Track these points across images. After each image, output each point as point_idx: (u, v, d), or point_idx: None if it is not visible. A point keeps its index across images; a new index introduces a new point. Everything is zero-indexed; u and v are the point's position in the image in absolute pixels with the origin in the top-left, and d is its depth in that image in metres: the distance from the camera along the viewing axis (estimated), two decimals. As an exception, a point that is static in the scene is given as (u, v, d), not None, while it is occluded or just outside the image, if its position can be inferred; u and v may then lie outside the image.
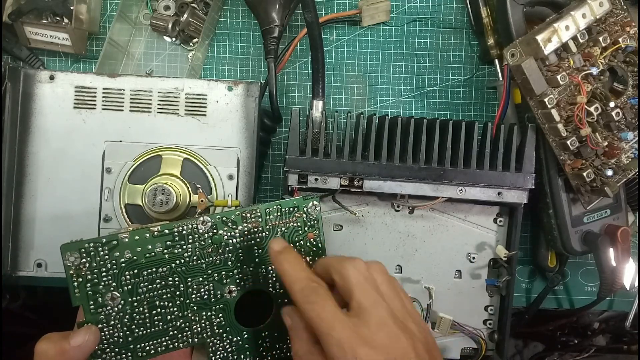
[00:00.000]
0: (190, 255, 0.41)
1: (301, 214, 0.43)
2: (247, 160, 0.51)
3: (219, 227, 0.41)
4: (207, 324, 0.41)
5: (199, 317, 0.41)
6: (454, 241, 0.51)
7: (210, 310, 0.41)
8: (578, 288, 0.59)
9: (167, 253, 0.40)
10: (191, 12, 0.56)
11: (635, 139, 0.49)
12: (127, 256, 0.39)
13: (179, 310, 0.41)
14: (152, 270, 0.40)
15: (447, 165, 0.48)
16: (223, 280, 0.41)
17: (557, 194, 0.51)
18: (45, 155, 0.50)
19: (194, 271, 0.41)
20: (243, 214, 0.41)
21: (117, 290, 0.39)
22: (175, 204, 0.48)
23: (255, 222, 0.42)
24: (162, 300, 0.40)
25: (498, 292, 0.51)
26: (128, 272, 0.40)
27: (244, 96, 0.51)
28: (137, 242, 0.40)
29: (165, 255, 0.40)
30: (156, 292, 0.40)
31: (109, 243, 0.39)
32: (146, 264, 0.40)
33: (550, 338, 0.69)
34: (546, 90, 0.46)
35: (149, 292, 0.40)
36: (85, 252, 0.39)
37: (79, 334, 0.38)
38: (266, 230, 0.42)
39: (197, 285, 0.41)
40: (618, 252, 0.51)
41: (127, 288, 0.40)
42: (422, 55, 0.59)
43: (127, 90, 0.50)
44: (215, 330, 0.42)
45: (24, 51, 0.56)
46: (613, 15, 0.47)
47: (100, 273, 0.39)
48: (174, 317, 0.41)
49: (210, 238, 0.41)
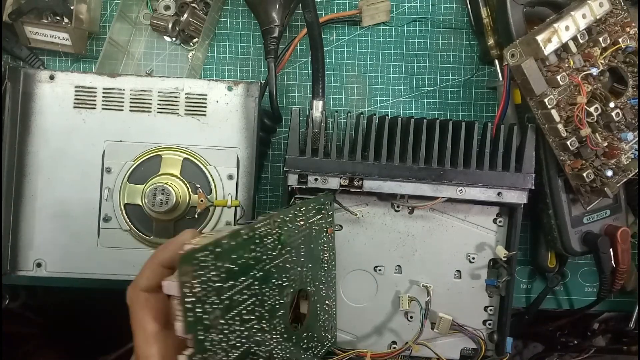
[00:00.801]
0: (265, 258, 0.37)
1: (325, 211, 0.43)
2: (247, 160, 0.51)
3: (282, 227, 0.38)
4: (274, 334, 0.38)
5: (270, 328, 0.37)
6: (454, 241, 0.51)
7: (277, 317, 0.38)
8: (578, 288, 0.59)
9: (251, 258, 0.35)
10: (191, 12, 0.56)
11: (635, 139, 0.49)
12: (227, 265, 0.33)
13: (258, 321, 0.36)
14: (243, 280, 0.35)
15: (447, 166, 0.48)
16: (284, 283, 0.39)
17: (557, 194, 0.51)
18: (45, 155, 0.50)
19: (268, 277, 0.37)
20: (295, 213, 0.40)
21: (218, 308, 0.32)
22: (175, 203, 0.48)
23: (302, 220, 0.41)
24: (249, 314, 0.35)
25: (498, 293, 0.51)
26: (227, 284, 0.33)
27: (244, 96, 0.51)
28: (233, 247, 0.34)
29: (251, 261, 0.35)
30: (245, 305, 0.35)
31: (214, 251, 0.32)
32: (239, 271, 0.34)
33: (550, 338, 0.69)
34: (546, 91, 0.46)
35: (240, 304, 0.34)
36: (198, 263, 0.31)
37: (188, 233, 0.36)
38: (307, 228, 0.42)
39: (270, 292, 0.37)
40: (618, 253, 0.51)
41: (226, 303, 0.33)
42: (422, 55, 0.59)
43: (127, 90, 0.50)
44: (279, 339, 0.38)
45: (24, 51, 0.56)
46: (613, 15, 0.47)
47: (208, 287, 0.32)
48: (254, 331, 0.36)
49: (277, 239, 0.38)
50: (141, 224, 0.51)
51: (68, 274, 0.51)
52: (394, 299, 0.51)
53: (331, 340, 0.47)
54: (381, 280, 0.51)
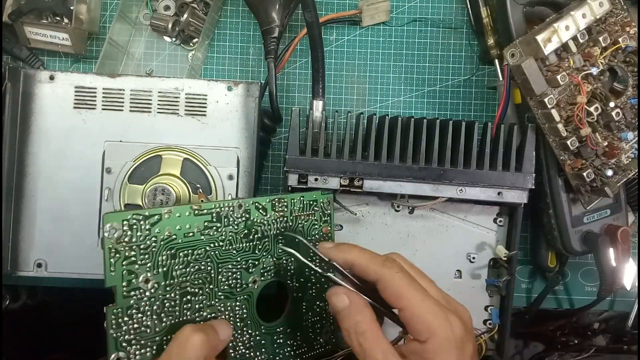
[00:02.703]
0: (224, 239, 0.39)
1: (318, 208, 0.43)
2: (247, 160, 0.51)
3: (251, 213, 0.40)
4: (230, 316, 0.40)
5: (224, 308, 0.39)
6: (454, 241, 0.51)
7: (236, 300, 0.40)
8: (578, 288, 0.59)
9: (204, 234, 0.38)
10: (191, 12, 0.56)
11: (635, 139, 0.49)
12: (166, 233, 0.37)
13: (208, 299, 0.39)
14: (189, 252, 0.38)
15: (447, 165, 0.48)
16: (249, 269, 0.40)
17: (557, 194, 0.51)
18: (45, 155, 0.50)
19: (226, 257, 0.39)
20: (273, 202, 0.41)
21: (152, 271, 0.36)
22: (175, 204, 0.48)
23: (282, 211, 0.41)
24: (193, 287, 0.38)
25: (498, 292, 0.51)
26: (165, 252, 0.37)
27: (244, 96, 0.51)
28: (178, 219, 0.37)
29: (202, 237, 0.38)
30: (189, 277, 0.38)
31: (151, 217, 0.36)
32: (184, 244, 0.37)
33: (550, 338, 0.69)
34: (546, 90, 0.46)
35: (183, 276, 0.37)
36: (127, 224, 0.35)
37: (223, 328, 0.37)
38: (290, 220, 0.42)
39: (227, 272, 0.39)
40: (618, 252, 0.51)
41: (162, 270, 0.37)
42: (422, 55, 0.59)
43: (127, 90, 0.50)
44: (237, 324, 0.40)
45: (24, 51, 0.56)
46: (613, 15, 0.47)
47: (139, 250, 0.36)
48: (202, 306, 0.38)
49: (243, 222, 0.40)
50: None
51: (68, 274, 0.51)
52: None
53: (325, 346, 0.46)
54: (381, 280, 0.51)
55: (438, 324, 0.33)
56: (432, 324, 0.33)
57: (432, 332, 0.33)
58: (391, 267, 0.35)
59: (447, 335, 0.33)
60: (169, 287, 0.37)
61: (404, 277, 0.35)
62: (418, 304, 0.34)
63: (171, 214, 0.37)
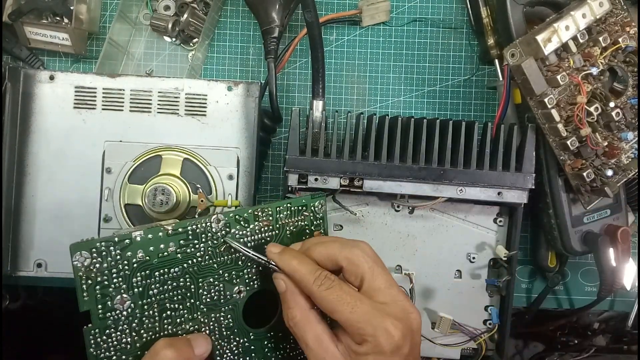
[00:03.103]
0: (203, 254, 0.39)
1: (309, 213, 0.43)
2: (247, 160, 0.51)
3: (231, 226, 0.40)
4: (215, 326, 0.40)
5: (208, 319, 0.40)
6: (454, 241, 0.51)
7: (220, 311, 0.40)
8: (578, 288, 0.59)
9: (180, 252, 0.38)
10: (191, 12, 0.56)
11: (635, 139, 0.49)
12: (139, 256, 0.37)
13: (189, 312, 0.39)
14: (165, 271, 0.38)
15: (447, 165, 0.48)
16: (233, 280, 0.40)
17: (557, 194, 0.51)
18: (46, 155, 0.50)
19: (206, 271, 0.39)
20: (255, 212, 0.41)
21: (127, 293, 0.37)
22: (175, 204, 0.48)
23: (266, 220, 0.41)
24: (172, 303, 0.38)
25: (498, 292, 0.51)
26: (140, 273, 0.37)
27: (244, 96, 0.51)
28: (150, 240, 0.38)
29: (178, 255, 0.38)
30: (167, 294, 0.38)
31: (121, 242, 0.37)
32: (158, 264, 0.38)
33: (550, 338, 0.69)
34: (546, 90, 0.46)
35: (160, 294, 0.38)
36: (96, 252, 0.36)
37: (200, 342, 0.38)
38: (276, 229, 0.41)
39: (208, 286, 0.39)
40: (618, 252, 0.51)
41: (138, 290, 0.37)
42: (422, 55, 0.59)
43: (127, 90, 0.50)
44: (223, 333, 0.41)
45: (24, 51, 0.56)
46: (613, 15, 0.47)
47: (110, 275, 0.37)
48: (183, 320, 0.39)
49: (222, 237, 0.40)
50: (141, 225, 0.51)
51: (68, 274, 0.51)
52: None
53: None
54: (381, 280, 0.51)
55: (368, 332, 0.35)
56: (362, 331, 0.35)
57: (363, 339, 0.35)
58: (320, 285, 0.36)
59: (377, 342, 0.34)
60: (146, 305, 0.38)
61: (332, 292, 0.36)
62: (346, 316, 0.35)
63: (142, 237, 0.37)
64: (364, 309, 0.35)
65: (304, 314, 0.37)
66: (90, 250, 0.36)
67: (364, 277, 0.37)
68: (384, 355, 0.35)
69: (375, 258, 0.38)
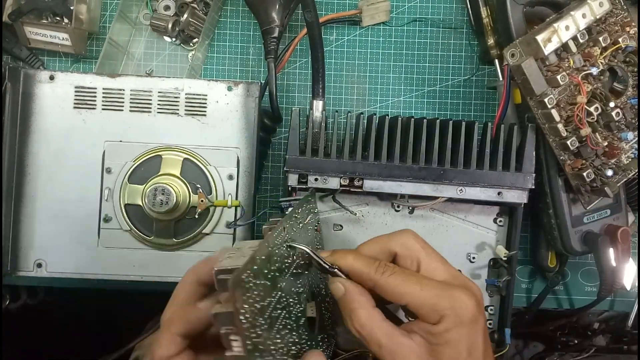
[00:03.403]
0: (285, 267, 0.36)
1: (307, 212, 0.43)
2: (247, 160, 0.51)
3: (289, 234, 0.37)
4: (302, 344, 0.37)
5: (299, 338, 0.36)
6: (454, 241, 0.51)
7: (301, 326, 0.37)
8: (578, 288, 0.59)
9: (277, 270, 0.34)
10: (191, 12, 0.56)
11: (635, 139, 0.49)
12: (263, 282, 0.32)
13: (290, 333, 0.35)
14: (275, 293, 0.34)
15: (447, 165, 0.48)
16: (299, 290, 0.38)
17: (557, 194, 0.51)
18: (46, 155, 0.50)
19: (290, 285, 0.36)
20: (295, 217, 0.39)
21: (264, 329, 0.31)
22: (175, 204, 0.48)
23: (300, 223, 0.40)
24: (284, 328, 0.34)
25: (498, 292, 0.51)
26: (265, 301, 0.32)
27: (244, 96, 0.51)
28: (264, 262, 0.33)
29: (277, 273, 0.34)
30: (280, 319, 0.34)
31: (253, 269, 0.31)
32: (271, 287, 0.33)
33: (550, 338, 0.69)
34: (546, 90, 0.46)
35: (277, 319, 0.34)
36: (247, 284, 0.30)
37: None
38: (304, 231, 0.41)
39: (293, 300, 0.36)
40: (618, 252, 0.51)
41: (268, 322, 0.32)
42: (422, 55, 0.59)
43: (127, 90, 0.50)
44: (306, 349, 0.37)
45: (24, 51, 0.56)
46: (613, 15, 0.47)
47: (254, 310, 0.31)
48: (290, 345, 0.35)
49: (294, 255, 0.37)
50: (141, 224, 0.51)
51: (68, 274, 0.51)
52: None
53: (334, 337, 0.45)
54: (381, 280, 0.51)
55: (444, 305, 0.34)
56: (438, 306, 0.34)
57: (440, 314, 0.34)
58: (384, 272, 0.36)
59: (456, 313, 0.34)
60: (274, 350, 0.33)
61: (397, 277, 0.35)
62: (417, 295, 0.34)
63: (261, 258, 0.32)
64: (434, 285, 0.35)
65: (369, 312, 0.35)
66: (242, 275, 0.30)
67: (420, 259, 0.37)
68: (465, 326, 0.34)
69: (424, 241, 0.38)
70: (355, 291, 0.36)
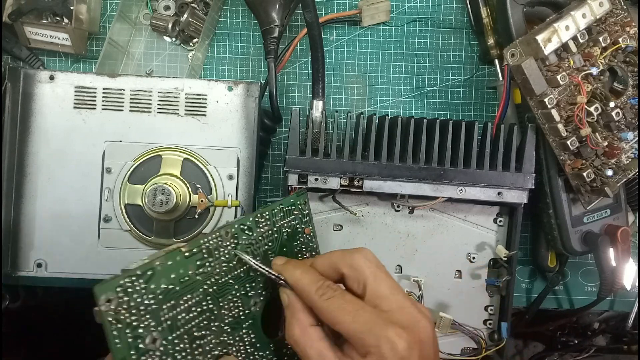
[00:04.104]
0: (219, 271, 0.37)
1: (297, 212, 0.42)
2: (247, 160, 0.51)
3: (239, 237, 0.39)
4: (240, 346, 0.38)
5: (233, 340, 0.38)
6: (454, 241, 0.51)
7: (242, 329, 0.39)
8: (578, 288, 0.59)
9: (199, 274, 0.36)
10: (191, 12, 0.56)
11: (635, 139, 0.49)
12: (162, 286, 0.34)
13: (216, 336, 0.37)
14: (189, 297, 0.36)
15: (447, 165, 0.48)
16: (248, 293, 0.39)
17: (557, 194, 0.51)
18: (45, 155, 0.50)
19: (224, 289, 0.38)
20: (257, 219, 0.40)
21: (156, 330, 0.34)
22: (175, 204, 0.48)
23: (265, 225, 0.40)
24: (200, 330, 0.36)
25: (498, 292, 0.51)
26: (166, 305, 0.34)
27: (244, 96, 0.51)
28: (171, 267, 0.35)
29: (198, 277, 0.36)
30: (194, 322, 0.36)
31: (144, 274, 0.34)
32: (182, 290, 0.35)
33: (550, 338, 0.69)
34: (546, 90, 0.46)
35: (187, 323, 0.35)
36: (122, 290, 0.33)
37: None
38: (275, 232, 0.41)
39: (229, 304, 0.38)
40: (618, 252, 0.51)
41: (167, 324, 0.34)
42: (422, 55, 0.59)
43: (127, 90, 0.50)
44: (248, 350, 0.39)
45: (24, 51, 0.56)
46: (613, 15, 0.47)
47: (139, 312, 0.33)
48: (212, 346, 0.37)
49: (234, 249, 0.38)
50: (141, 224, 0.51)
51: (68, 274, 0.51)
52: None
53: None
54: (381, 280, 0.51)
55: (370, 342, 0.33)
56: (364, 342, 0.33)
57: (367, 350, 0.33)
58: (322, 294, 0.35)
59: (380, 353, 0.33)
60: (177, 339, 0.35)
61: (334, 302, 0.35)
62: (349, 326, 0.34)
63: (163, 264, 0.35)
64: (366, 318, 0.34)
65: (305, 331, 0.36)
66: (116, 289, 0.33)
67: (367, 283, 0.35)
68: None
69: (377, 263, 0.37)
70: (296, 307, 0.37)
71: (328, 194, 0.50)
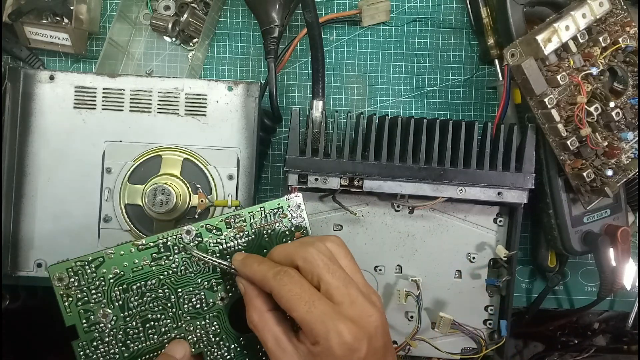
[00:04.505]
0: (178, 265, 0.41)
1: (286, 215, 0.42)
2: (247, 160, 0.51)
3: (203, 235, 0.41)
4: (202, 333, 0.41)
5: (194, 327, 0.41)
6: (454, 241, 0.51)
7: (204, 319, 0.41)
8: (578, 288, 0.59)
9: (154, 265, 0.41)
10: (191, 12, 0.56)
11: (635, 139, 0.49)
12: (114, 272, 0.40)
13: (173, 321, 0.41)
14: (141, 284, 0.40)
15: (447, 165, 0.48)
16: (214, 287, 0.41)
17: (557, 194, 0.51)
18: (45, 155, 0.50)
19: (183, 281, 0.41)
20: (227, 220, 0.41)
21: (108, 307, 0.40)
22: (175, 204, 0.48)
23: (239, 227, 0.42)
24: (154, 313, 0.41)
25: (498, 292, 0.51)
26: (117, 288, 0.40)
27: (244, 96, 0.51)
28: (122, 257, 0.40)
29: (153, 268, 0.40)
30: (147, 306, 0.41)
31: (95, 260, 0.40)
32: (134, 277, 0.40)
33: (550, 338, 0.69)
34: (546, 90, 0.46)
35: (140, 305, 0.40)
36: (72, 271, 0.39)
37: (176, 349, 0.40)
38: (252, 234, 0.42)
39: (188, 295, 0.41)
40: (618, 252, 0.51)
41: (118, 304, 0.40)
42: (422, 55, 0.59)
43: (127, 90, 0.50)
44: (211, 339, 0.42)
45: (24, 51, 0.56)
46: (613, 15, 0.47)
47: (89, 291, 0.40)
48: (168, 329, 0.41)
49: (195, 247, 0.41)
50: (141, 224, 0.51)
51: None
52: (394, 299, 0.51)
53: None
54: (381, 280, 0.51)
55: (320, 332, 0.34)
56: (315, 331, 0.34)
57: (316, 339, 0.34)
58: (281, 280, 0.36)
59: (328, 344, 0.34)
60: (128, 317, 0.40)
61: (292, 289, 0.35)
62: (303, 316, 0.35)
63: (114, 255, 0.40)
64: (321, 309, 0.34)
65: (262, 316, 0.37)
66: (67, 270, 0.39)
67: (321, 276, 0.36)
68: (335, 358, 0.34)
69: (331, 256, 0.37)
70: (252, 294, 0.38)
71: (328, 194, 0.50)
